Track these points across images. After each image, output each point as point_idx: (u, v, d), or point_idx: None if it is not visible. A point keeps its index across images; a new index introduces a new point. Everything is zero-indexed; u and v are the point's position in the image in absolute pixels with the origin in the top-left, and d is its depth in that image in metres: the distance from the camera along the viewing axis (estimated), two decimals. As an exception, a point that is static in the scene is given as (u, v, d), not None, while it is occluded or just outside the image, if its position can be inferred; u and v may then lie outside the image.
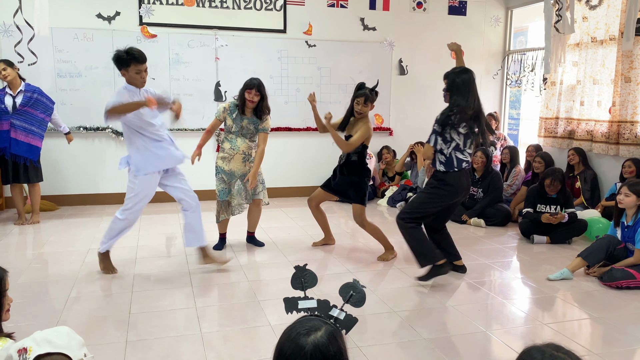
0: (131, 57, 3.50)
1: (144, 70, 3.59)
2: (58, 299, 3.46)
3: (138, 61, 3.52)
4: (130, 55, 3.50)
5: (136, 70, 3.54)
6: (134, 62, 3.51)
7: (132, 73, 3.54)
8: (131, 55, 3.50)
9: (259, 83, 4.29)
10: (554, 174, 4.91)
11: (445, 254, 3.90)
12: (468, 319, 3.23)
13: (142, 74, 3.58)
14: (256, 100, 4.29)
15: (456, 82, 3.72)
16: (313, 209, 4.70)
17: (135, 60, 3.51)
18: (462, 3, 7.35)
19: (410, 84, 7.32)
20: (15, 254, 4.47)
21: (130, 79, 3.58)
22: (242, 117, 4.36)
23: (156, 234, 5.12)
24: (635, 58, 5.50)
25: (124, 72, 3.55)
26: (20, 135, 5.18)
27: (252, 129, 4.41)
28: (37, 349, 1.32)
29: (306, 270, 1.47)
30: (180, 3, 6.30)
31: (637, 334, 3.07)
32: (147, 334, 2.96)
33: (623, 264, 3.83)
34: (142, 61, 3.55)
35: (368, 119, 4.33)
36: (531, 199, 5.07)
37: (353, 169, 4.36)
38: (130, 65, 3.52)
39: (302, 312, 1.36)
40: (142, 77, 3.58)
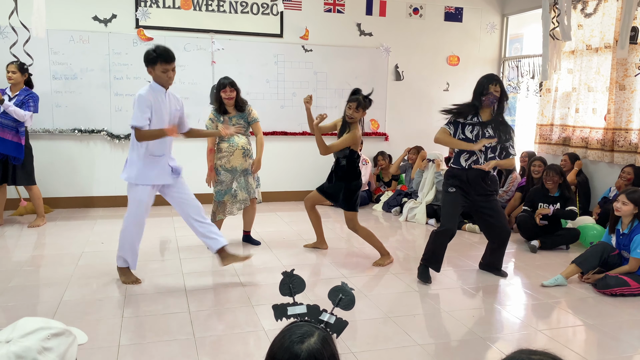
0: (158, 55, 3.44)
1: (171, 70, 3.51)
2: (50, 302, 3.43)
3: (165, 60, 3.46)
4: (157, 53, 3.45)
5: (162, 69, 3.47)
6: (160, 60, 3.45)
7: (158, 72, 3.47)
8: (158, 53, 3.45)
9: (231, 80, 4.53)
10: (551, 168, 4.98)
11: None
12: (462, 325, 3.22)
13: (169, 73, 3.50)
14: (233, 96, 4.50)
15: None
16: (308, 209, 4.74)
17: (162, 58, 3.45)
18: (458, 10, 7.38)
19: (406, 89, 7.34)
20: (6, 256, 4.43)
21: (157, 78, 3.51)
22: (229, 117, 4.53)
23: (150, 238, 5.09)
24: (630, 66, 5.53)
25: (151, 70, 3.49)
26: (8, 135, 5.11)
27: (242, 123, 4.58)
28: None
29: (294, 275, 1.46)
30: (177, 6, 6.30)
31: (631, 341, 3.07)
32: (140, 337, 2.94)
33: (617, 272, 3.83)
34: (169, 60, 3.48)
35: (358, 126, 4.23)
36: (531, 199, 5.10)
37: (343, 174, 4.33)
38: (156, 64, 3.45)
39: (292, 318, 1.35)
40: (168, 76, 3.51)
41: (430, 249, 3.96)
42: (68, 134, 6.13)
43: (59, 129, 6.07)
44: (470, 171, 3.89)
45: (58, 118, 6.06)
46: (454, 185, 3.94)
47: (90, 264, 4.22)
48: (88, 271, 4.04)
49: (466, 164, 3.90)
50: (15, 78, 5.08)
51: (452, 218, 3.95)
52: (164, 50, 3.48)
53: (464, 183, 3.91)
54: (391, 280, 4.04)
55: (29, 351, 1.09)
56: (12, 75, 5.06)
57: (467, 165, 3.89)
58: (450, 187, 3.96)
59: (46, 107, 5.96)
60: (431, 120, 7.46)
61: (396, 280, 4.04)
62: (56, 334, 1.16)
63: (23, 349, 1.09)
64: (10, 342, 1.10)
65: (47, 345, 1.13)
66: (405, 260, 4.56)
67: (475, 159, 3.89)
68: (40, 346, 1.11)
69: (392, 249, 5.01)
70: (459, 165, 3.94)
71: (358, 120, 4.24)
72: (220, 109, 4.58)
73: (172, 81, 3.58)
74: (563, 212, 4.88)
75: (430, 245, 3.96)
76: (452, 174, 4.00)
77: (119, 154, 6.34)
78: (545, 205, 5.00)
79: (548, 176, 4.95)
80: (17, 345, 1.10)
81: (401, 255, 4.75)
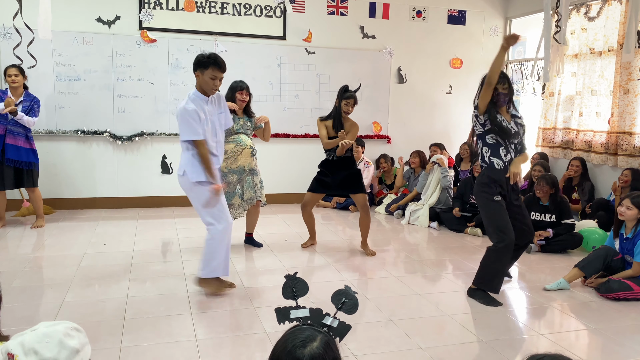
0: (212, 60, 3.41)
1: (219, 79, 3.46)
2: (52, 303, 3.43)
3: (218, 67, 3.42)
4: (211, 59, 3.41)
5: (212, 75, 3.42)
6: (213, 66, 3.40)
7: (206, 77, 3.42)
8: (212, 59, 3.42)
9: (247, 85, 4.62)
10: (543, 178, 4.95)
11: None
12: (465, 329, 3.21)
13: (216, 82, 3.45)
14: (247, 100, 4.59)
15: None
16: (307, 214, 4.87)
17: (216, 65, 3.41)
18: (461, 13, 7.38)
19: (409, 92, 7.33)
20: (9, 257, 4.44)
21: (202, 82, 3.45)
22: (238, 118, 4.56)
23: (152, 239, 5.09)
24: (634, 70, 5.52)
25: (199, 73, 3.44)
26: (21, 142, 5.18)
27: (250, 125, 4.64)
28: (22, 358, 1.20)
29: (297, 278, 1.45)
30: (181, 8, 6.31)
31: (634, 346, 3.05)
32: (142, 339, 2.94)
33: (621, 276, 3.82)
34: (221, 69, 3.44)
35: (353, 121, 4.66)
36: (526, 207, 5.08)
37: (348, 163, 4.67)
38: (208, 68, 3.40)
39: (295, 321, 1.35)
40: (214, 84, 3.44)
41: (492, 270, 3.62)
42: (71, 135, 6.14)
43: (62, 130, 6.09)
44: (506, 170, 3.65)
45: (61, 119, 6.07)
46: (498, 193, 3.61)
47: (92, 266, 4.22)
48: (90, 272, 4.04)
49: (506, 160, 3.62)
50: (18, 81, 5.11)
51: (509, 227, 3.61)
52: (219, 58, 3.45)
53: (505, 188, 3.64)
54: (393, 283, 4.03)
55: (55, 333, 1.24)
56: (15, 79, 5.09)
57: (507, 162, 3.62)
58: (496, 196, 3.60)
59: (49, 108, 5.98)
60: (434, 123, 7.46)
61: (398, 283, 4.03)
62: (78, 330, 1.31)
63: (50, 330, 1.24)
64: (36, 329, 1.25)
65: (71, 333, 1.27)
66: (407, 263, 4.55)
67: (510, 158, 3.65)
68: (66, 332, 1.25)
69: (395, 251, 5.01)
70: (500, 160, 3.62)
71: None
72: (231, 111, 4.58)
73: (216, 90, 3.53)
74: (562, 230, 4.91)
75: (492, 266, 3.62)
76: (492, 179, 3.62)
77: (121, 156, 6.35)
78: (538, 215, 5.00)
79: (539, 185, 4.95)
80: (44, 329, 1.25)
81: (403, 258, 4.74)
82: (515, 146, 3.70)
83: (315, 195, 4.81)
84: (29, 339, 1.22)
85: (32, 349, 1.21)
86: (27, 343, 1.22)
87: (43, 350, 1.21)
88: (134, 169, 6.43)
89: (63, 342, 1.24)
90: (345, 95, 4.55)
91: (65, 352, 1.23)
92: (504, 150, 3.64)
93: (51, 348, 1.22)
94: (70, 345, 1.25)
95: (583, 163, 5.90)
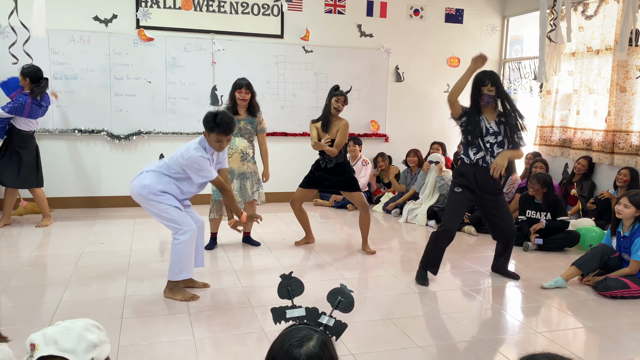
0: (217, 125, 3.36)
1: (226, 141, 3.45)
2: (50, 302, 3.43)
3: (222, 132, 3.38)
4: (217, 123, 3.36)
5: (217, 138, 3.39)
6: (217, 130, 3.37)
7: (212, 139, 3.41)
8: (218, 123, 3.36)
9: (248, 82, 4.53)
10: (535, 176, 4.99)
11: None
12: (462, 327, 3.22)
13: (222, 144, 3.45)
14: (247, 98, 4.51)
15: None
16: (296, 210, 4.88)
17: (219, 129, 3.36)
18: (458, 11, 7.38)
19: (407, 90, 7.33)
20: (6, 256, 4.43)
21: (210, 143, 3.45)
22: (238, 120, 4.51)
23: (150, 238, 5.09)
24: (631, 68, 5.53)
25: (206, 133, 3.43)
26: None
27: (249, 128, 4.62)
28: (43, 347, 1.26)
29: (292, 278, 1.45)
30: (178, 7, 6.30)
31: (632, 344, 3.06)
32: (140, 338, 2.93)
33: (618, 274, 3.82)
34: (226, 132, 3.40)
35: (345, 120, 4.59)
36: (522, 206, 5.12)
37: (343, 169, 4.64)
38: (213, 132, 3.38)
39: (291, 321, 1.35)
40: (220, 146, 3.46)
41: (429, 251, 3.95)
42: (68, 134, 6.12)
43: (59, 129, 6.07)
44: (478, 168, 3.84)
45: (58, 118, 6.06)
46: (461, 184, 3.89)
47: (90, 265, 4.21)
48: (88, 272, 4.03)
49: (474, 158, 3.84)
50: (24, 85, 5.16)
51: (454, 219, 3.92)
52: (225, 123, 3.37)
53: (472, 182, 3.85)
54: (391, 281, 4.04)
55: (75, 327, 1.31)
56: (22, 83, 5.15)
57: (475, 160, 3.84)
58: (457, 187, 3.91)
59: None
60: (431, 121, 7.46)
61: (396, 281, 4.03)
62: (98, 327, 1.38)
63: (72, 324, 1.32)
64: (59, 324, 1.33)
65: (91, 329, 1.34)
66: (404, 262, 4.55)
67: (482, 156, 3.82)
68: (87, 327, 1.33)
69: (392, 249, 5.01)
70: (468, 157, 3.87)
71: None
72: (233, 109, 4.57)
73: (223, 149, 3.53)
74: (555, 225, 4.93)
75: (430, 247, 3.95)
76: (460, 173, 3.93)
77: (119, 154, 6.34)
78: (533, 213, 5.01)
79: (531, 184, 4.99)
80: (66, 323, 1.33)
81: (401, 257, 4.74)
82: (494, 145, 3.82)
83: (304, 191, 4.80)
84: (51, 331, 1.30)
85: (53, 339, 1.27)
86: (48, 334, 1.29)
87: (62, 341, 1.28)
88: (132, 167, 6.41)
89: (82, 335, 1.30)
90: (335, 93, 4.54)
91: (83, 345, 1.29)
92: (473, 149, 3.84)
93: (70, 339, 1.28)
94: (88, 339, 1.31)
95: (590, 162, 5.92)
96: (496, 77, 3.77)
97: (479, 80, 3.77)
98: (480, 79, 3.76)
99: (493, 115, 3.84)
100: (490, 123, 3.81)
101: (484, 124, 3.81)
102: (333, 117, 4.57)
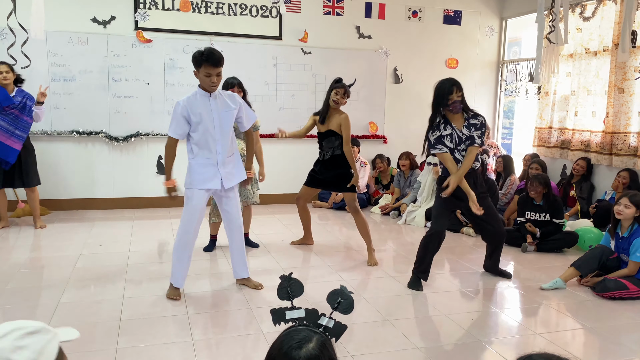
0: (205, 57, 3.32)
1: (216, 75, 3.35)
2: (48, 304, 3.42)
3: (209, 63, 3.30)
4: (203, 56, 3.32)
5: (206, 72, 3.33)
6: (205, 63, 3.32)
7: (201, 74, 3.36)
8: (205, 55, 3.32)
9: (239, 81, 4.50)
10: (536, 178, 4.97)
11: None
12: (461, 328, 3.22)
13: (212, 78, 3.35)
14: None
15: None
16: (300, 208, 4.86)
17: (206, 61, 3.31)
18: (457, 13, 7.39)
19: (405, 92, 7.34)
20: (4, 258, 4.42)
21: (201, 81, 3.41)
22: None
23: (148, 240, 5.08)
24: (629, 69, 5.54)
25: (196, 72, 3.39)
26: (2, 137, 5.09)
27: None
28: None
29: (292, 279, 1.44)
30: (176, 8, 6.30)
31: (631, 345, 3.06)
32: (138, 340, 2.92)
33: (616, 275, 3.83)
34: (214, 64, 3.32)
35: (345, 114, 4.46)
36: (521, 207, 5.11)
37: (339, 162, 4.51)
38: (201, 66, 3.34)
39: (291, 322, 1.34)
40: (211, 81, 3.35)
41: (421, 256, 3.92)
42: (66, 136, 6.11)
43: (57, 131, 6.06)
44: None
45: (56, 120, 6.05)
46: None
47: (88, 267, 4.20)
48: (86, 274, 4.02)
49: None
50: (9, 78, 5.09)
51: (440, 221, 3.91)
52: (211, 53, 3.31)
53: (456, 189, 3.81)
54: (390, 282, 4.03)
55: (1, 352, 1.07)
56: (7, 76, 5.07)
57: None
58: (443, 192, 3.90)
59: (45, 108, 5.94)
60: (430, 123, 7.45)
61: (395, 282, 4.03)
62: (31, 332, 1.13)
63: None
64: None
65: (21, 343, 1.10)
66: (403, 263, 4.55)
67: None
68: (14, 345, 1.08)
69: (391, 251, 5.01)
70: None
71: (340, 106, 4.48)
72: None
73: (217, 87, 3.45)
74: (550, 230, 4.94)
75: (421, 252, 3.92)
76: (444, 180, 3.92)
77: (117, 156, 6.33)
78: (532, 214, 5.01)
79: (532, 186, 4.97)
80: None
81: (399, 258, 4.74)
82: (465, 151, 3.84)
83: (308, 189, 4.76)
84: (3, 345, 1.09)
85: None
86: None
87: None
88: (130, 169, 6.41)
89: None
90: (336, 85, 4.41)
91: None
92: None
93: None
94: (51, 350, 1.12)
95: (588, 163, 5.93)
96: (457, 81, 3.78)
97: (445, 90, 3.72)
98: (447, 89, 3.72)
99: (461, 121, 3.83)
100: (462, 130, 3.80)
101: (455, 134, 3.80)
102: (333, 110, 4.47)
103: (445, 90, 3.73)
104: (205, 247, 4.71)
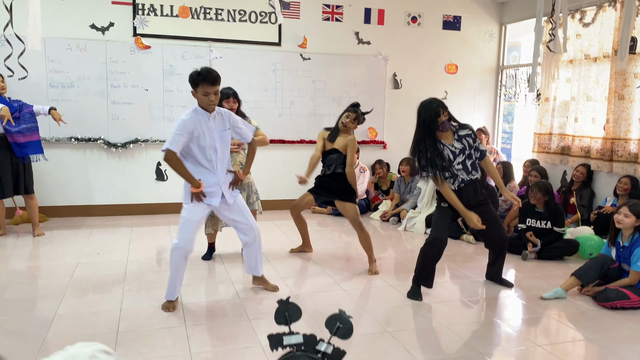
0: (201, 77, 3.30)
1: (213, 93, 3.34)
2: (44, 315, 3.39)
3: (207, 82, 3.30)
4: (200, 76, 3.31)
5: (204, 91, 3.31)
6: (202, 82, 3.30)
7: (199, 94, 3.34)
8: (202, 75, 3.31)
9: (234, 92, 4.47)
10: (537, 185, 4.95)
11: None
12: (461, 340, 3.19)
13: (211, 97, 3.33)
14: (235, 107, 4.44)
15: None
16: (295, 216, 4.86)
17: (204, 80, 3.30)
18: (456, 18, 7.38)
19: (404, 97, 7.32)
20: (2, 267, 4.39)
21: (199, 101, 3.39)
22: None
23: (147, 248, 5.05)
24: (629, 76, 5.52)
25: (194, 92, 3.37)
26: (20, 138, 5.14)
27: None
28: None
29: (289, 303, 1.41)
30: (175, 14, 6.28)
31: (632, 355, 3.03)
32: (136, 353, 2.90)
33: (618, 284, 3.80)
34: (211, 82, 3.31)
35: (352, 135, 4.50)
36: (522, 214, 5.09)
37: (341, 178, 4.50)
38: (198, 85, 3.32)
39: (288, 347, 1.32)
40: (209, 99, 3.34)
41: (421, 264, 3.88)
42: (65, 142, 6.09)
43: (56, 137, 6.04)
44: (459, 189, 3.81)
45: (54, 126, 6.01)
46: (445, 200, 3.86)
47: (86, 276, 4.18)
48: (83, 283, 4.00)
49: (456, 187, 3.80)
50: (4, 87, 5.16)
51: (441, 229, 3.87)
52: (207, 72, 3.31)
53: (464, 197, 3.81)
54: (389, 292, 4.01)
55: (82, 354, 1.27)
56: (3, 85, 5.14)
57: (457, 187, 3.80)
58: (443, 202, 3.88)
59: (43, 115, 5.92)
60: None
61: (394, 292, 4.00)
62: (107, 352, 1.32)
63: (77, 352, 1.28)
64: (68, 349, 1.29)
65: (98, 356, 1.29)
66: (404, 271, 4.52)
67: (461, 179, 3.79)
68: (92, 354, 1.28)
69: (391, 259, 4.98)
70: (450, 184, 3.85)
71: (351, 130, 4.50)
72: None
73: (215, 105, 3.43)
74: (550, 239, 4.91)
75: (421, 261, 3.88)
76: None
77: (115, 163, 6.31)
78: (533, 221, 4.99)
79: (532, 193, 4.94)
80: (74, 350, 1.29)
81: (400, 266, 4.71)
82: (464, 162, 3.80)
83: (304, 197, 4.71)
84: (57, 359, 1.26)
85: None
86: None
87: None
88: (128, 176, 6.38)
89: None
90: (348, 109, 4.48)
91: None
92: (450, 180, 3.79)
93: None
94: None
95: (588, 170, 5.91)
96: (441, 100, 3.77)
97: (433, 113, 3.68)
98: (434, 111, 3.68)
99: (451, 135, 3.82)
100: (453, 144, 3.79)
101: (447, 151, 3.77)
102: (340, 130, 4.49)
103: (432, 113, 3.69)
104: (203, 255, 4.69)
